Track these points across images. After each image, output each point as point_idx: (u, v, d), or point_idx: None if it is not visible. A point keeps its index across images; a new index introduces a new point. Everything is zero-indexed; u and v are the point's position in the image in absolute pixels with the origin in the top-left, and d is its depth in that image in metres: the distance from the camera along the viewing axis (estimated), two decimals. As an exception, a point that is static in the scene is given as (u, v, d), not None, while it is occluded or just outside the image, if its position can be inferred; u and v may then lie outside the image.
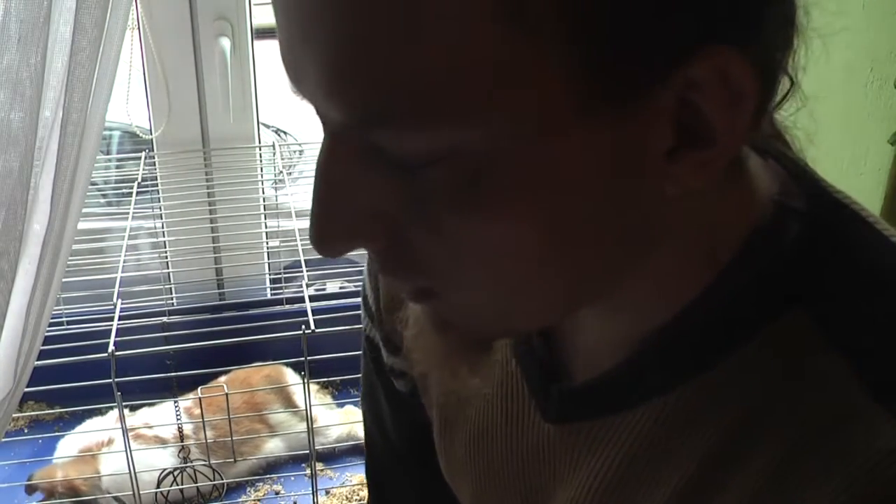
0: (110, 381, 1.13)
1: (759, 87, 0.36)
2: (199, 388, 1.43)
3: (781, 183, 0.45)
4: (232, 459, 1.44)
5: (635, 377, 0.46)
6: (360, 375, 0.71)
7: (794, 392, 0.41)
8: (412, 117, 0.34)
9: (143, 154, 1.70)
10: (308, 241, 0.40)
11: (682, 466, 0.44)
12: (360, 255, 0.66)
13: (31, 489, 1.41)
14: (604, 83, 0.34)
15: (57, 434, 1.54)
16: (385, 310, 0.63)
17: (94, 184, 1.97)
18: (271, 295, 1.85)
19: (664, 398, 0.45)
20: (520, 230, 0.37)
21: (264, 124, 2.15)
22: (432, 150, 0.35)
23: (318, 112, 0.38)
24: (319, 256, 0.42)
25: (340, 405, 1.63)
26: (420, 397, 0.64)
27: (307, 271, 1.36)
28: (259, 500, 1.49)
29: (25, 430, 1.62)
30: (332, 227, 0.39)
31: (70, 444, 1.47)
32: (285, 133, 2.80)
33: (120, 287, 1.31)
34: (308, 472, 1.50)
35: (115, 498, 1.40)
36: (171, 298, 1.75)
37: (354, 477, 1.52)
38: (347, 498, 1.49)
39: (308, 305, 1.23)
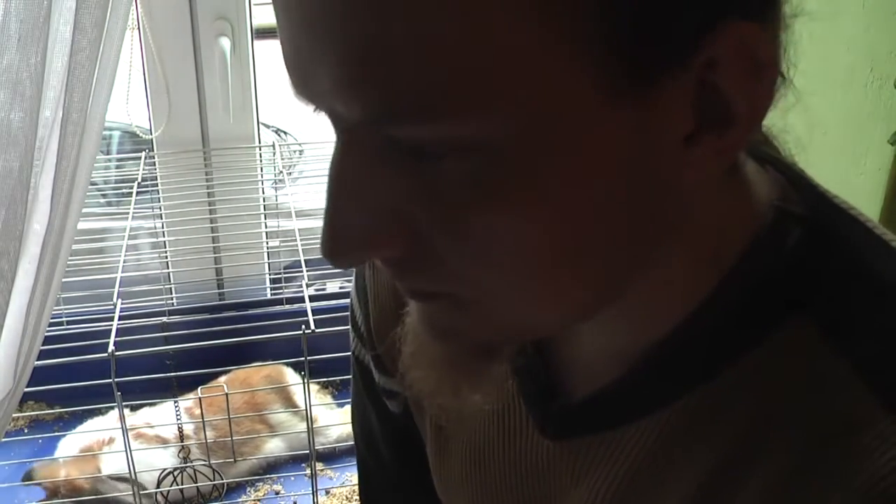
0: (110, 381, 1.13)
1: (777, 62, 0.36)
2: (199, 388, 1.44)
3: (780, 188, 0.44)
4: (232, 459, 1.44)
5: (636, 391, 0.46)
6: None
7: (800, 401, 0.40)
8: (432, 110, 0.33)
9: (143, 154, 1.70)
10: (308, 241, 0.38)
11: (686, 480, 0.43)
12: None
13: (29, 481, 1.41)
14: (627, 67, 0.33)
15: (57, 434, 1.54)
16: (377, 328, 0.61)
17: (94, 184, 1.96)
18: (271, 295, 1.85)
19: (666, 411, 0.44)
20: (538, 222, 0.36)
21: (264, 124, 2.15)
22: (453, 141, 0.34)
23: (330, 112, 0.37)
24: (319, 256, 0.40)
25: (340, 405, 1.63)
26: (413, 417, 0.62)
27: (307, 271, 1.36)
28: (259, 500, 1.49)
29: (25, 430, 1.63)
30: (348, 233, 0.37)
31: (71, 443, 1.47)
32: (285, 133, 2.80)
33: (120, 287, 1.31)
34: (308, 472, 1.50)
35: (120, 479, 1.39)
36: (171, 298, 1.75)
37: (355, 477, 1.52)
38: (347, 498, 1.49)
39: (308, 305, 1.23)
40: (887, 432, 0.37)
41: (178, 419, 1.42)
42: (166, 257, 1.69)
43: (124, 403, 1.20)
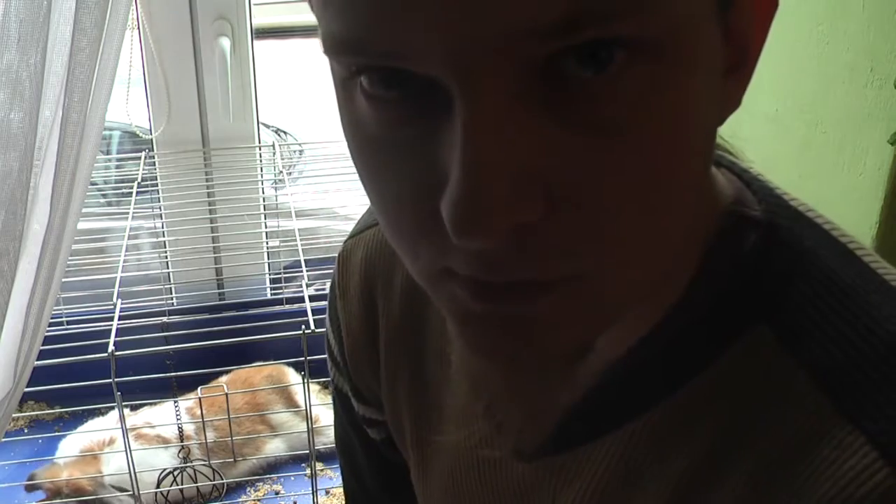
0: (110, 381, 1.13)
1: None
2: (199, 388, 1.44)
3: (736, 191, 0.44)
4: (232, 459, 1.44)
5: (600, 409, 0.45)
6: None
7: (762, 413, 0.40)
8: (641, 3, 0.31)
9: (143, 154, 1.70)
10: (308, 241, 0.37)
11: (654, 494, 0.43)
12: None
13: (31, 487, 1.41)
14: None
15: (57, 434, 1.54)
16: (350, 358, 0.61)
17: (94, 184, 1.97)
18: (271, 295, 1.86)
19: (631, 426, 0.44)
20: (676, 144, 0.35)
21: (264, 124, 2.15)
22: (633, 40, 0.31)
23: (448, 50, 0.31)
24: (319, 256, 0.39)
25: (341, 405, 1.63)
26: (396, 443, 0.62)
27: (307, 271, 1.36)
28: (259, 500, 1.49)
29: (25, 430, 1.63)
30: (495, 192, 0.31)
31: (72, 443, 1.47)
32: (285, 133, 2.80)
33: (120, 287, 1.31)
34: (308, 472, 1.50)
35: (119, 489, 1.39)
36: (171, 298, 1.75)
37: (354, 477, 1.52)
38: (347, 498, 1.49)
39: (308, 305, 1.23)
40: (847, 441, 0.37)
41: (178, 419, 1.42)
42: (166, 257, 1.69)
43: (124, 403, 1.20)
